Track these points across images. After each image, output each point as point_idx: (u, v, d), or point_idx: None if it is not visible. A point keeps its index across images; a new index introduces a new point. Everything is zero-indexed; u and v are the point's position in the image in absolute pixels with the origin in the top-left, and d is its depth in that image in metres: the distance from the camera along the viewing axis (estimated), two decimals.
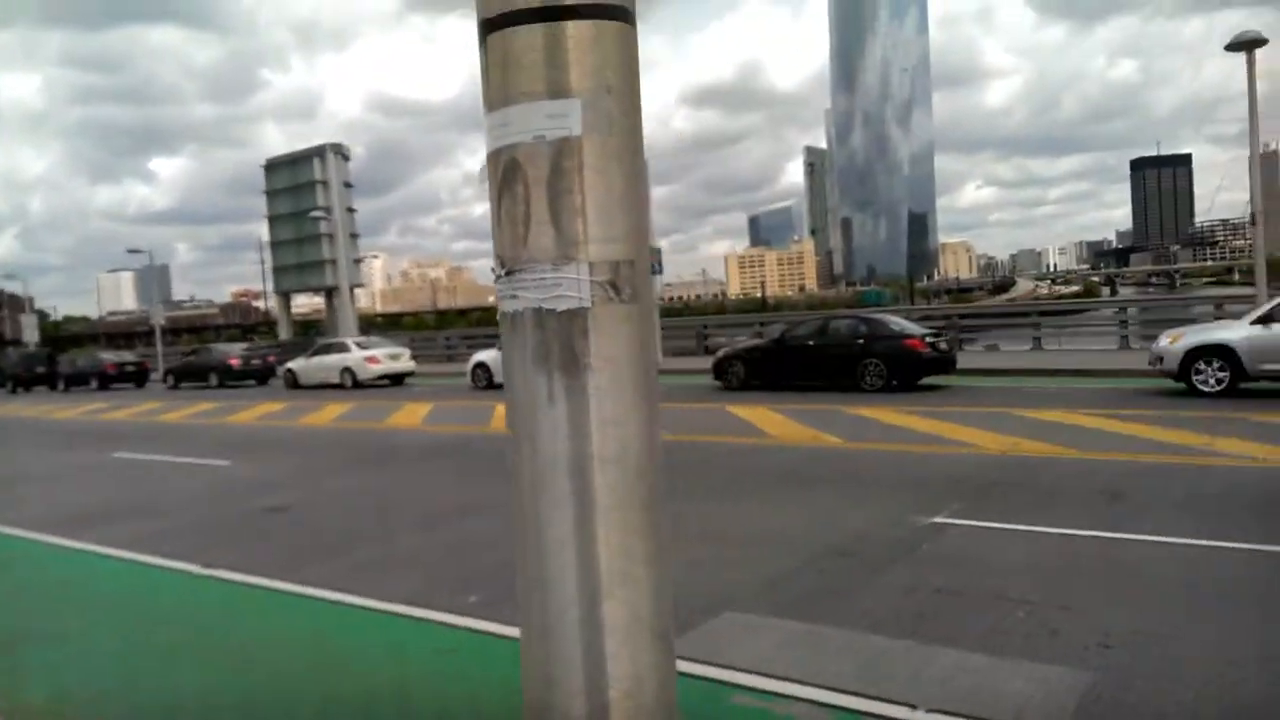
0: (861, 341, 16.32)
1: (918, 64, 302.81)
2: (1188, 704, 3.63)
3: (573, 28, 0.95)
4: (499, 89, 0.99)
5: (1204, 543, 5.78)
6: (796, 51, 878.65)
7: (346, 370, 25.06)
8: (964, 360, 19.86)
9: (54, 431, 18.51)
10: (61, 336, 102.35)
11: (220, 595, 5.97)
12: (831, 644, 4.45)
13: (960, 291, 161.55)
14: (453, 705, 4.01)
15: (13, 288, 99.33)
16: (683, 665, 4.23)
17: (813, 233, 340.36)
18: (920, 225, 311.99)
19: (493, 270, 1.08)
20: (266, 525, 8.05)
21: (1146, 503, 6.99)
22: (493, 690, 3.98)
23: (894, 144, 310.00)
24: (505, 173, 1.00)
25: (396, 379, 25.64)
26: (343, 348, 26.19)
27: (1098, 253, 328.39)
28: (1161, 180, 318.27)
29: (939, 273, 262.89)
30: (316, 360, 26.26)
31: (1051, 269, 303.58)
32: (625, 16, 1.00)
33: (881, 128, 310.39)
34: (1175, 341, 12.68)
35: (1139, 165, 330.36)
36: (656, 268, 25.22)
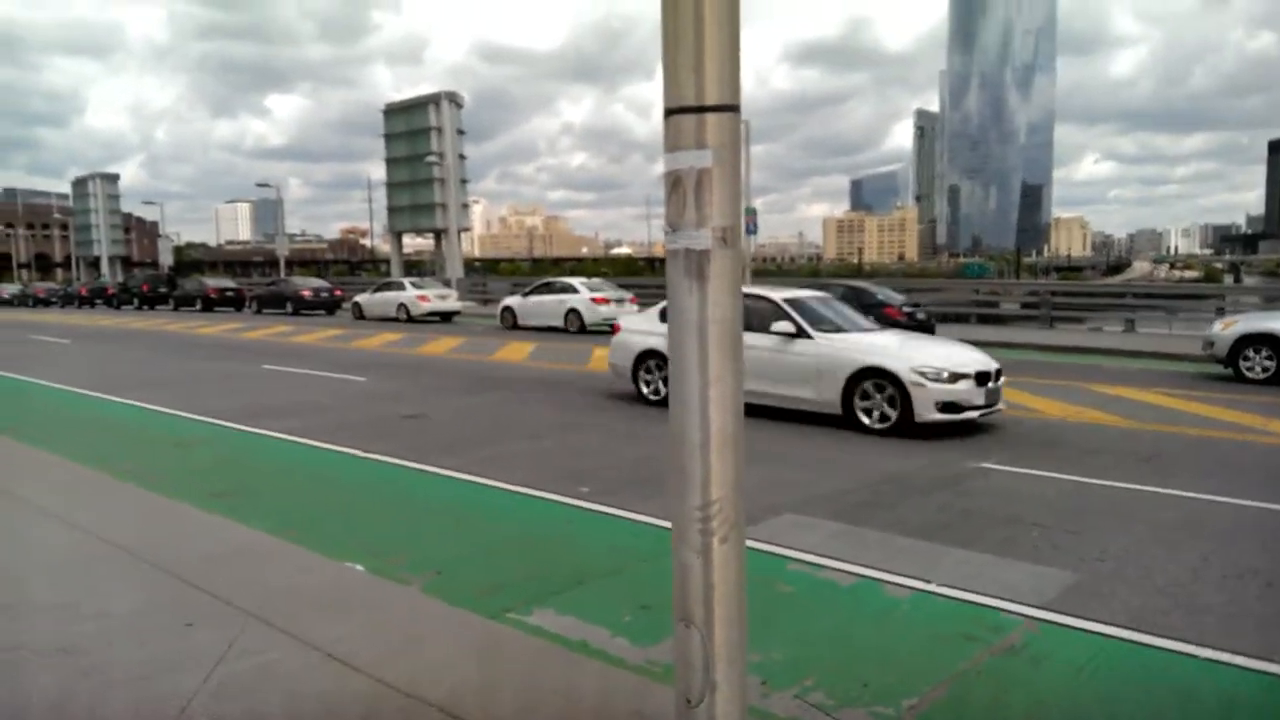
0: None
1: (1043, 26, 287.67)
2: (1139, 604, 4.59)
3: (710, 116, 2.06)
4: (673, 141, 2.10)
5: (1215, 498, 6.57)
6: (910, 7, 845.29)
7: (401, 306, 28.49)
8: (1058, 338, 20.19)
9: (204, 345, 20.79)
10: (185, 262, 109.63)
11: (376, 472, 7.46)
12: (868, 539, 5.54)
13: (1070, 269, 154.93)
14: (578, 552, 5.31)
15: (142, 212, 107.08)
16: (751, 544, 5.43)
17: (918, 199, 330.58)
18: (1033, 197, 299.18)
19: (664, 228, 2.20)
20: (406, 428, 9.53)
21: (1177, 465, 7.73)
22: (603, 550, 5.22)
23: (1011, 110, 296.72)
24: (673, 182, 2.12)
25: (446, 316, 28.84)
26: (399, 286, 29.81)
27: (1224, 237, 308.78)
28: None
29: (1049, 249, 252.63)
30: (379, 296, 29.93)
31: (1173, 251, 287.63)
32: (735, 109, 2.10)
33: (999, 92, 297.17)
34: (1227, 328, 13.06)
35: (1278, 146, 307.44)
36: (751, 228, 26.08)
